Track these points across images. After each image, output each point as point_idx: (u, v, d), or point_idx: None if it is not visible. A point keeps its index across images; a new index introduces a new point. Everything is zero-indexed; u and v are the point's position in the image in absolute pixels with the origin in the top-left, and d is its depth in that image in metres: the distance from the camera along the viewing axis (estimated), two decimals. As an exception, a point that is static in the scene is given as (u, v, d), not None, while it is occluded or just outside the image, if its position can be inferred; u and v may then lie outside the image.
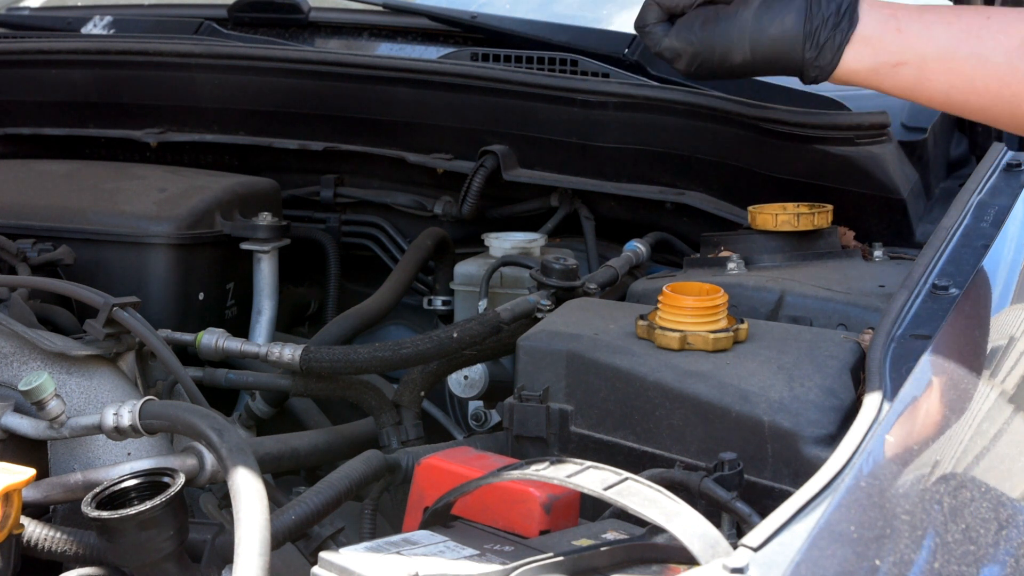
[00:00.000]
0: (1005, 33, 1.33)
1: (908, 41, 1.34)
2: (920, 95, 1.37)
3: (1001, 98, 1.33)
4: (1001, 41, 1.32)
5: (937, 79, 1.34)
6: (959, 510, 1.08)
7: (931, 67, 1.34)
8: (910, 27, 1.35)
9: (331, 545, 1.33)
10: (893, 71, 1.35)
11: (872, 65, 1.35)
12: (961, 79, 1.34)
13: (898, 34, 1.34)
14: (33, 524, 1.39)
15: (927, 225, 1.94)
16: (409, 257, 2.19)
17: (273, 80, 2.37)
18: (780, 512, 0.99)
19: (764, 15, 1.36)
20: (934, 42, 1.34)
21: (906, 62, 1.34)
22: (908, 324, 1.36)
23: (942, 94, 1.35)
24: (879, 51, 1.34)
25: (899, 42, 1.34)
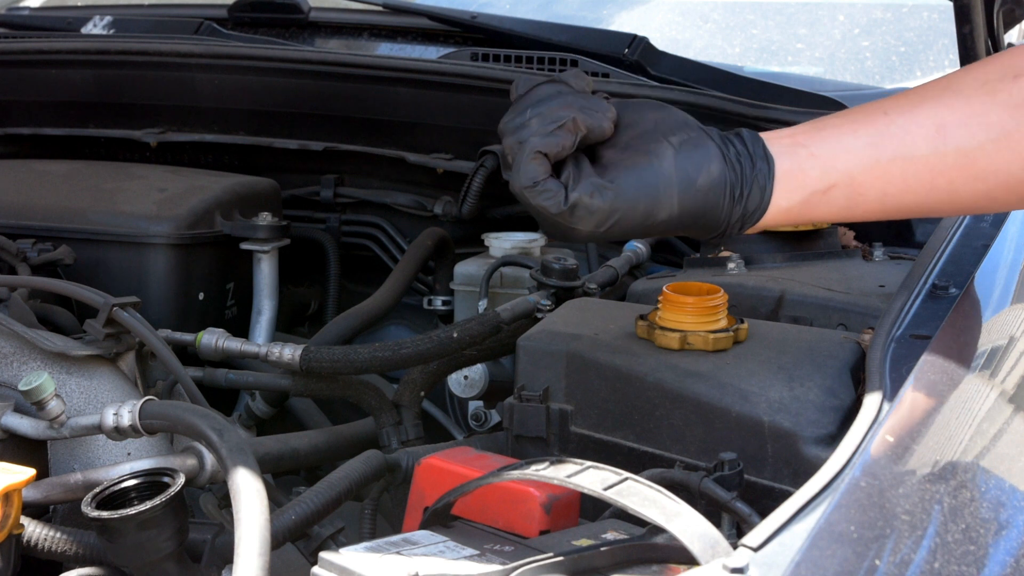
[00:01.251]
0: (915, 123, 1.25)
1: (828, 163, 1.24)
2: (855, 213, 1.27)
3: (936, 188, 1.25)
4: (916, 133, 1.25)
5: (869, 192, 1.25)
6: (959, 510, 1.08)
7: (860, 181, 1.24)
8: (821, 147, 1.25)
9: (331, 545, 1.33)
10: (825, 198, 1.24)
11: (803, 198, 1.24)
12: (893, 185, 1.25)
13: (814, 159, 1.24)
14: (33, 524, 1.39)
15: (927, 225, 1.94)
16: (409, 257, 2.19)
17: (273, 80, 2.37)
18: (780, 512, 0.99)
19: (687, 165, 1.20)
20: (854, 155, 1.24)
21: (835, 184, 1.24)
22: (908, 324, 1.36)
23: (878, 204, 1.26)
24: (805, 183, 1.24)
25: (819, 167, 1.24)
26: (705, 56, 2.59)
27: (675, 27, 3.04)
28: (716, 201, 1.21)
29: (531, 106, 1.21)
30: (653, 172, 1.20)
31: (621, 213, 1.19)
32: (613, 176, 1.20)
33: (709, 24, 3.07)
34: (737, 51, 2.98)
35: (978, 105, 1.25)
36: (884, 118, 1.26)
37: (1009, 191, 1.26)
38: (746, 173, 1.22)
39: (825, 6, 3.01)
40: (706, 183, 1.20)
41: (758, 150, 1.23)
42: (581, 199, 1.18)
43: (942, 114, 1.25)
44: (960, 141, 1.24)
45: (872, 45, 2.89)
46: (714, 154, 1.21)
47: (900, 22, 2.98)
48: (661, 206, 1.20)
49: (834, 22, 2.96)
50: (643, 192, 1.19)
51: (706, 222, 1.23)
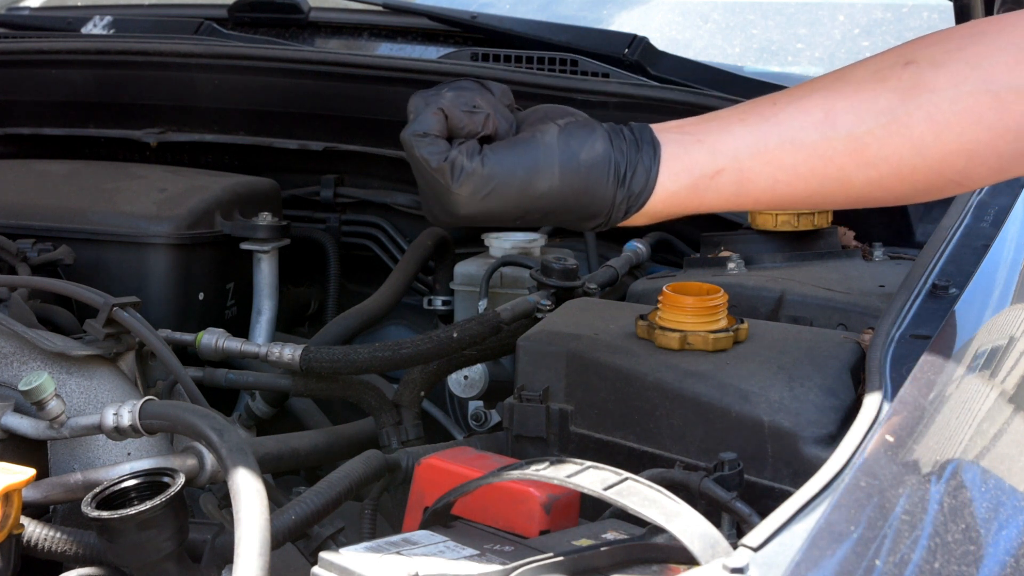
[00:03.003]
0: (803, 110, 1.24)
1: (714, 146, 1.23)
2: (745, 199, 1.25)
3: (828, 176, 1.24)
4: (805, 119, 1.23)
5: (757, 177, 1.23)
6: (959, 510, 1.08)
7: (748, 166, 1.23)
8: (708, 134, 1.24)
9: (331, 545, 1.33)
10: (713, 183, 1.23)
11: (690, 182, 1.23)
12: (782, 170, 1.23)
13: (700, 144, 1.23)
14: (33, 524, 1.39)
15: (927, 225, 1.94)
16: (409, 257, 2.19)
17: (273, 80, 2.37)
18: (780, 512, 0.99)
19: (571, 140, 1.20)
20: (741, 140, 1.23)
21: (722, 168, 1.23)
22: (908, 324, 1.36)
23: (767, 191, 1.24)
24: (692, 166, 1.22)
25: (706, 150, 1.23)
26: (705, 56, 2.59)
27: (675, 27, 3.04)
28: (600, 178, 1.21)
29: (451, 88, 1.23)
30: (535, 144, 1.20)
31: (498, 180, 1.19)
32: (496, 148, 1.21)
33: (709, 24, 3.07)
34: (737, 51, 2.99)
35: (868, 91, 1.24)
36: (772, 107, 1.26)
37: (901, 179, 1.25)
38: (631, 155, 1.22)
39: (825, 6, 3.02)
40: (589, 158, 1.20)
41: (645, 135, 1.24)
42: (460, 159, 1.18)
43: (831, 100, 1.24)
44: (849, 126, 1.23)
45: (872, 45, 2.89)
46: (600, 134, 1.22)
47: (900, 22, 2.98)
48: (541, 176, 1.20)
49: (834, 22, 2.96)
50: (523, 161, 1.19)
51: (589, 201, 1.22)
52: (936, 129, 1.23)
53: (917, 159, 1.24)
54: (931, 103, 1.23)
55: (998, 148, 1.24)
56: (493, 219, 1.23)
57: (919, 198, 1.31)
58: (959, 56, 1.24)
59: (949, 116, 1.23)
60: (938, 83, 1.23)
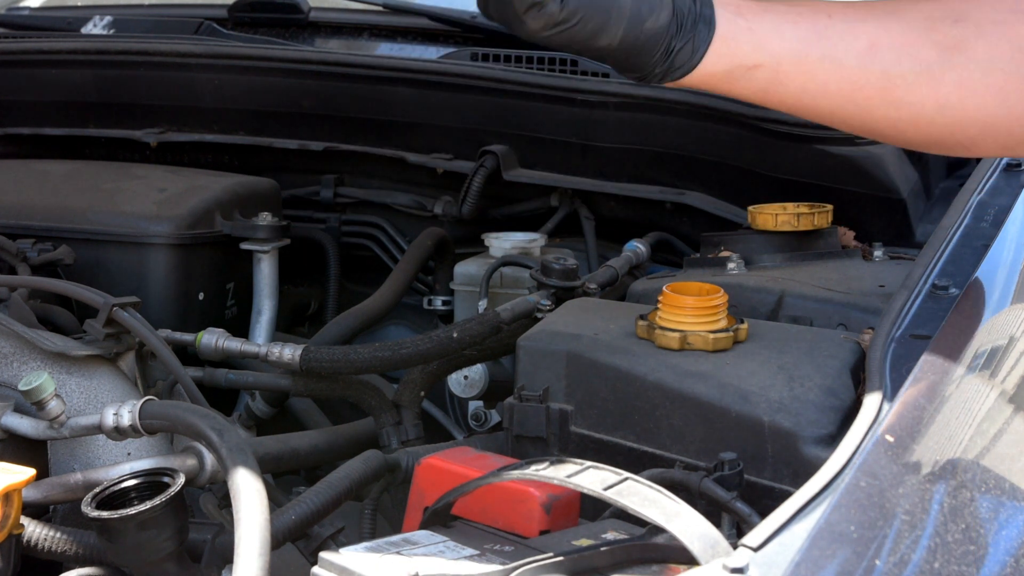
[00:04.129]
0: (852, 34, 1.29)
1: (761, 41, 1.28)
2: (771, 98, 1.31)
3: (853, 102, 1.29)
4: (850, 43, 1.28)
5: (790, 82, 1.29)
6: (959, 510, 1.08)
7: (784, 70, 1.28)
8: (760, 25, 1.29)
9: (331, 545, 1.33)
10: (747, 74, 1.28)
11: (728, 68, 1.28)
12: (814, 83, 1.29)
13: (750, 33, 1.28)
14: (33, 524, 1.39)
15: (927, 225, 1.94)
16: (409, 257, 2.19)
17: (273, 80, 2.37)
18: (780, 512, 0.99)
19: (642, 5, 1.25)
20: (786, 43, 1.28)
21: (761, 64, 1.28)
22: (908, 324, 1.36)
23: (793, 97, 1.30)
24: (734, 53, 1.27)
25: (752, 42, 1.28)
26: (705, 56, 2.58)
27: (675, 27, 3.03)
28: (653, 48, 1.25)
29: None
30: (609, 2, 1.24)
31: (570, 24, 1.23)
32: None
33: (709, 24, 3.06)
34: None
35: (913, 36, 1.28)
36: (827, 20, 1.30)
37: (917, 128, 1.30)
38: (686, 29, 1.26)
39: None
40: (652, 27, 1.25)
41: (706, 11, 1.27)
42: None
43: (879, 34, 1.29)
44: (887, 64, 1.28)
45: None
46: (667, 5, 1.26)
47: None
48: (607, 32, 1.24)
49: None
50: (596, 16, 1.23)
51: (637, 62, 1.27)
52: (962, 93, 1.28)
53: (936, 115, 1.29)
54: (965, 68, 1.27)
55: (1012, 128, 1.28)
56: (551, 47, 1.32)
57: (926, 148, 1.38)
58: (1004, 32, 1.28)
59: (977, 86, 1.27)
60: (977, 52, 1.28)
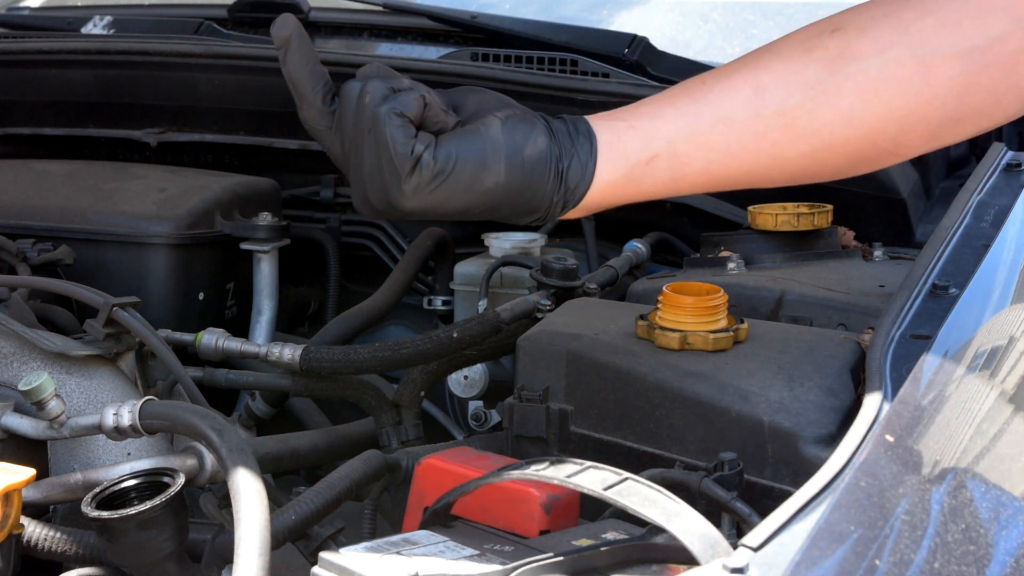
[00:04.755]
0: (733, 88, 1.24)
1: (647, 133, 1.22)
2: (682, 183, 1.25)
3: (762, 154, 1.23)
4: (734, 98, 1.23)
5: (692, 161, 1.23)
6: (959, 510, 1.08)
7: (681, 150, 1.22)
8: (640, 121, 1.23)
9: (331, 545, 1.33)
10: (648, 169, 1.22)
11: (626, 170, 1.22)
12: (716, 151, 1.23)
13: (633, 131, 1.22)
14: (33, 524, 1.39)
15: (927, 225, 1.94)
16: (409, 257, 2.19)
17: (273, 80, 2.36)
18: (780, 512, 0.99)
19: (515, 135, 1.18)
20: (672, 124, 1.23)
21: (657, 154, 1.22)
22: (908, 324, 1.36)
23: (703, 172, 1.24)
24: (625, 154, 1.21)
25: (639, 137, 1.22)
26: (705, 56, 2.59)
27: (675, 27, 3.04)
28: (542, 174, 1.20)
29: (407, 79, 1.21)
30: (482, 138, 1.18)
31: (448, 174, 1.17)
32: (445, 140, 1.18)
33: (709, 24, 3.07)
34: (737, 51, 2.98)
35: (795, 63, 1.24)
36: (701, 87, 1.25)
37: (834, 151, 1.25)
38: (566, 147, 1.21)
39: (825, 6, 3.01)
40: (533, 154, 1.19)
41: (581, 127, 1.22)
42: (422, 151, 1.16)
43: (759, 76, 1.24)
44: (778, 101, 1.23)
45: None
46: (540, 128, 1.21)
47: (900, 22, 2.98)
48: (489, 171, 1.18)
49: (834, 22, 2.95)
50: (472, 156, 1.17)
51: (531, 196, 1.20)
52: (865, 97, 1.23)
53: (848, 129, 1.23)
54: (859, 71, 1.22)
55: (928, 114, 1.23)
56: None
57: (855, 170, 1.30)
58: (886, 22, 1.23)
59: (877, 83, 1.22)
60: (865, 50, 1.23)
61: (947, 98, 1.22)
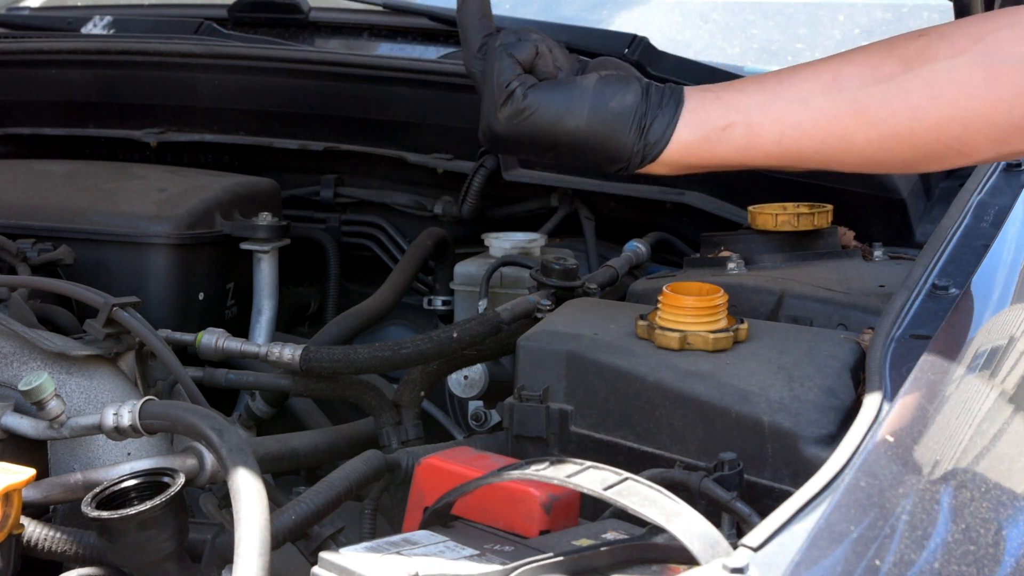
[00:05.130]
0: (814, 73, 1.35)
1: (728, 103, 1.35)
2: (754, 152, 1.36)
3: (831, 135, 1.33)
4: (814, 81, 1.34)
5: (766, 132, 1.34)
6: (959, 510, 1.08)
7: (757, 121, 1.34)
8: (725, 93, 1.37)
9: (331, 545, 1.33)
10: (724, 135, 1.34)
11: (703, 132, 1.34)
12: (789, 126, 1.34)
13: (717, 100, 1.36)
14: (33, 524, 1.39)
15: (927, 225, 1.94)
16: (409, 257, 2.19)
17: (273, 80, 2.37)
18: (780, 512, 0.99)
19: (606, 89, 1.35)
20: (753, 97, 1.35)
21: (733, 122, 1.34)
22: (908, 324, 1.36)
23: (774, 144, 1.35)
24: (705, 118, 1.35)
25: (720, 106, 1.35)
26: (705, 56, 2.59)
27: (675, 27, 3.04)
28: (623, 126, 1.34)
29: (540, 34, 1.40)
30: (572, 88, 1.35)
31: (533, 110, 1.34)
32: (541, 85, 1.36)
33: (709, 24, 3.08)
34: (737, 51, 2.99)
35: (876, 58, 1.33)
36: (789, 72, 1.37)
37: (900, 141, 1.33)
38: (653, 106, 1.35)
39: (825, 6, 3.01)
40: (617, 107, 1.35)
41: (674, 92, 1.36)
42: (517, 87, 1.34)
43: (841, 66, 1.34)
44: (853, 88, 1.32)
45: (872, 45, 2.88)
46: (633, 88, 1.36)
47: (900, 22, 2.98)
48: (571, 115, 1.34)
49: (834, 22, 2.96)
50: (559, 99, 1.34)
51: (611, 145, 1.35)
52: (932, 95, 1.31)
53: (914, 123, 1.31)
54: (929, 71, 1.31)
55: (993, 118, 1.30)
56: (525, 146, 1.37)
57: (922, 164, 1.38)
58: (965, 31, 1.32)
59: (945, 84, 1.30)
60: (940, 53, 1.31)
61: (1013, 104, 1.29)
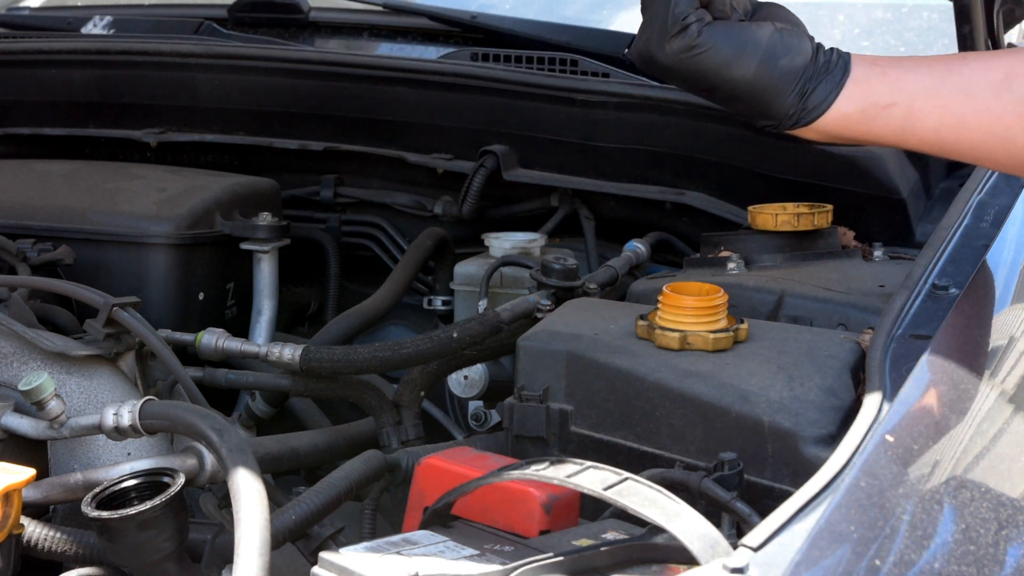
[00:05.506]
0: (986, 67, 1.33)
1: (894, 81, 1.33)
2: (910, 136, 1.34)
3: (993, 134, 1.32)
4: (984, 75, 1.32)
5: (926, 118, 1.32)
6: (959, 510, 1.08)
7: (919, 105, 1.32)
8: (893, 70, 1.34)
9: (331, 545, 1.33)
10: (883, 113, 1.32)
11: (862, 107, 1.32)
12: (951, 116, 1.32)
13: (883, 76, 1.33)
14: (33, 524, 1.39)
15: (927, 225, 1.94)
16: (409, 257, 2.19)
17: (273, 80, 2.37)
18: (780, 512, 0.99)
19: (779, 44, 1.31)
20: (919, 81, 1.33)
21: (895, 103, 1.32)
22: (908, 324, 1.36)
23: (932, 134, 1.33)
24: (868, 93, 1.32)
25: (886, 83, 1.33)
26: (705, 56, 2.58)
27: (675, 27, 3.02)
28: (787, 85, 1.31)
29: None
30: (748, 34, 1.30)
31: (704, 49, 1.30)
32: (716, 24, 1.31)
33: (709, 24, 3.06)
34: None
35: None
36: (959, 59, 1.35)
37: None
38: (820, 72, 1.31)
39: (825, 6, 3.01)
40: (786, 65, 1.31)
41: (843, 59, 1.32)
42: (692, 22, 1.29)
43: (1016, 65, 1.32)
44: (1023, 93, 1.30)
45: (872, 45, 2.89)
46: (806, 49, 1.32)
47: (900, 22, 2.98)
48: (740, 64, 1.30)
49: (834, 22, 2.95)
50: (731, 44, 1.30)
51: (770, 101, 1.32)
52: None
53: None
54: None
55: None
56: (683, 81, 1.33)
57: None
58: None
59: None
60: None
61: None
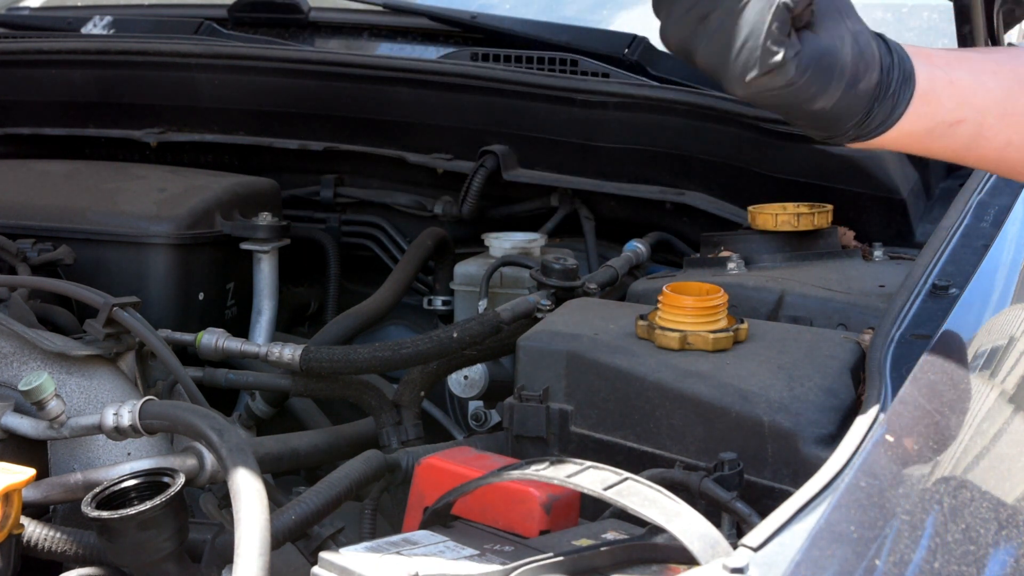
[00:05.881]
0: None
1: (963, 95, 1.18)
2: (971, 155, 1.21)
3: None
4: None
5: (994, 136, 1.19)
6: (959, 510, 1.08)
7: (989, 123, 1.18)
8: (961, 77, 1.18)
9: (331, 545, 1.33)
10: (949, 131, 1.18)
11: (928, 126, 1.17)
12: (1020, 135, 1.19)
13: (951, 87, 1.17)
14: (33, 524, 1.39)
15: (927, 225, 1.94)
16: (409, 257, 2.19)
17: (273, 80, 2.37)
18: (780, 512, 0.99)
19: (860, 61, 1.13)
20: (990, 95, 1.18)
21: (964, 119, 1.18)
22: (908, 324, 1.36)
23: (996, 151, 1.20)
24: (935, 111, 1.17)
25: (955, 97, 1.17)
26: (705, 56, 2.58)
27: (675, 27, 3.03)
28: (857, 108, 1.15)
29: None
30: (834, 56, 1.12)
31: (794, 87, 1.10)
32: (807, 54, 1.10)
33: (709, 24, 3.06)
34: (737, 51, 2.97)
35: None
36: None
37: None
38: (887, 90, 1.16)
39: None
40: (863, 89, 1.14)
41: (907, 71, 1.16)
42: (788, 55, 1.09)
43: None
44: None
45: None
46: (876, 62, 1.15)
47: (900, 22, 2.98)
48: (825, 96, 1.12)
49: (834, 22, 2.95)
50: (822, 78, 1.11)
51: (840, 123, 1.16)
52: None
53: None
54: None
55: None
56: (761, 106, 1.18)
57: None
58: None
59: None
60: None
61: None
